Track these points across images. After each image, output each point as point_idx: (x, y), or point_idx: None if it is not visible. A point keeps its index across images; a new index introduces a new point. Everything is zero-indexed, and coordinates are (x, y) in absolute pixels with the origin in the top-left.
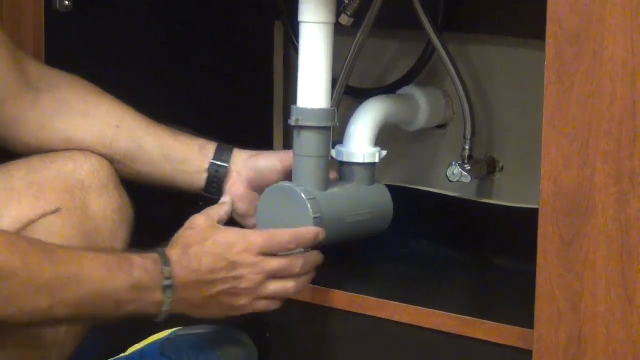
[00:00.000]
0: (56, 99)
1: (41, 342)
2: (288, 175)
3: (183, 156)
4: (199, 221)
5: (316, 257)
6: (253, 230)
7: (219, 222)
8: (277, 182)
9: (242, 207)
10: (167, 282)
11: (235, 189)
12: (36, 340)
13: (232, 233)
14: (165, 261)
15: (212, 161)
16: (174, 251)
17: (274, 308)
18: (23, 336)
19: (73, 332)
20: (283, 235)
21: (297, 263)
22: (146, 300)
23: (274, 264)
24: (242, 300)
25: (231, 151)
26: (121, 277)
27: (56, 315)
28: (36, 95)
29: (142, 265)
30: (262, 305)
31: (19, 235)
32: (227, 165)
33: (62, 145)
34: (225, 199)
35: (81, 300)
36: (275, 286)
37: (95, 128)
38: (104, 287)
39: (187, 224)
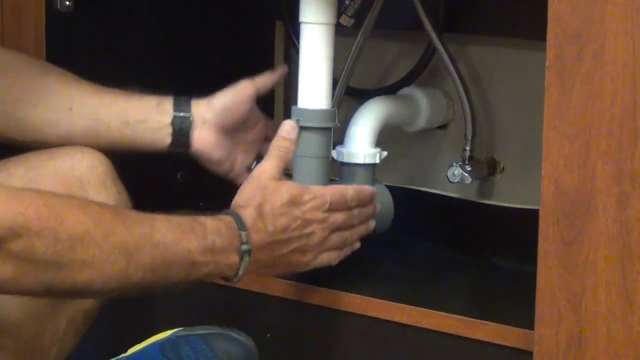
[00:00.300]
0: (2, 84)
1: (41, 342)
2: (253, 106)
3: (142, 116)
4: (266, 175)
5: (372, 209)
6: (319, 187)
7: (281, 174)
8: (247, 111)
9: (215, 153)
10: (244, 247)
11: (204, 137)
12: (36, 340)
13: (303, 190)
14: (241, 225)
15: (174, 114)
16: (247, 212)
17: (334, 262)
18: (22, 336)
19: (72, 331)
20: (348, 191)
21: (356, 216)
22: (222, 262)
23: (339, 217)
24: (309, 256)
25: (189, 101)
26: (194, 240)
27: (131, 277)
28: None
29: (216, 228)
30: (325, 259)
31: (90, 200)
32: (189, 114)
33: (19, 132)
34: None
35: (156, 262)
36: (336, 238)
37: (48, 113)
38: (179, 250)
39: (253, 182)
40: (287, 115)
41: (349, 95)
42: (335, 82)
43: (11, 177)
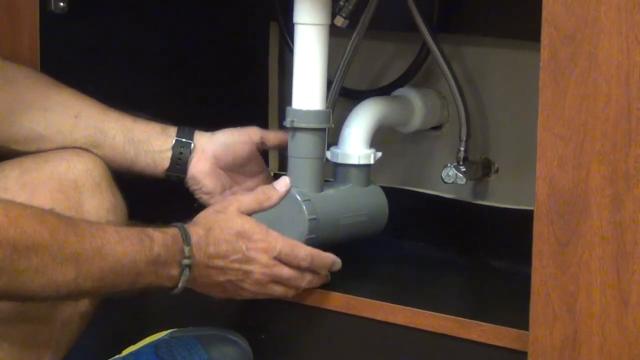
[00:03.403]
0: (13, 94)
1: (35, 344)
2: (259, 150)
3: (145, 137)
4: (231, 207)
5: (326, 278)
6: (277, 233)
7: (249, 212)
8: (248, 156)
9: (208, 184)
10: (186, 262)
11: (200, 166)
12: (31, 340)
13: (257, 229)
14: (186, 239)
15: (176, 138)
16: (195, 230)
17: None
18: (17, 338)
19: (67, 332)
20: (300, 251)
21: (305, 278)
22: (163, 274)
23: (285, 272)
24: (245, 293)
25: (193, 131)
26: (142, 251)
27: (81, 287)
28: None
29: (162, 241)
30: (262, 297)
31: (47, 210)
32: (191, 142)
33: (23, 141)
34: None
35: (104, 273)
36: (278, 290)
37: (54, 121)
38: (126, 261)
39: (218, 206)
40: (281, 116)
41: (343, 96)
42: (329, 83)
43: (7, 180)
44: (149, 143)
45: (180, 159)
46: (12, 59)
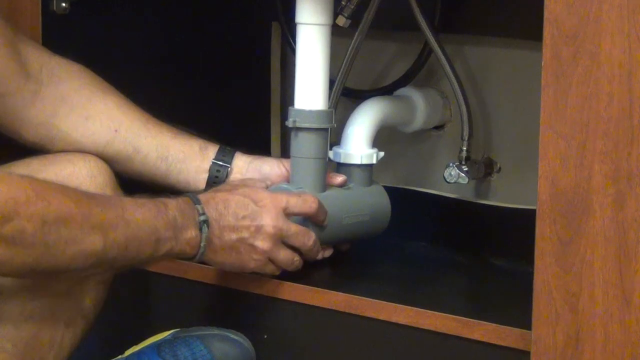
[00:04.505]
0: (57, 95)
1: (39, 345)
2: None
3: (181, 156)
4: (236, 181)
5: (319, 248)
6: (282, 193)
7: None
8: None
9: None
10: (202, 217)
11: (229, 183)
12: (35, 341)
13: (261, 189)
14: (196, 200)
15: (213, 161)
16: (204, 194)
17: (275, 274)
18: (21, 339)
19: (71, 333)
20: (310, 196)
21: (312, 235)
22: (182, 238)
23: (293, 226)
24: (257, 256)
25: (233, 153)
26: (159, 216)
27: (107, 255)
28: (37, 87)
29: (176, 205)
30: (269, 269)
31: (66, 185)
32: (229, 165)
33: (59, 144)
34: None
35: (128, 240)
36: (286, 253)
37: (93, 131)
38: (147, 226)
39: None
40: (284, 116)
41: (345, 95)
42: (331, 83)
43: None
44: (184, 162)
45: (216, 183)
46: None
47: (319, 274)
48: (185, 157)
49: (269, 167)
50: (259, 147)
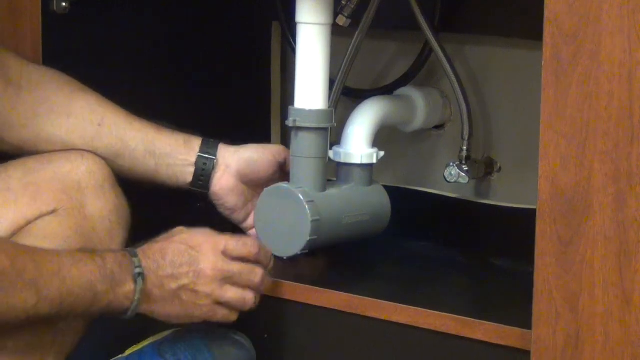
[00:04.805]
0: (37, 97)
1: (40, 343)
2: (282, 170)
3: (168, 150)
4: (175, 229)
5: (269, 282)
6: (219, 234)
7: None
8: (272, 175)
9: (230, 200)
10: (138, 270)
11: (223, 181)
12: (35, 340)
13: (200, 232)
14: (133, 253)
15: (199, 154)
16: (140, 247)
17: (232, 320)
18: (22, 336)
19: (72, 332)
20: (250, 239)
21: (257, 271)
22: (120, 292)
23: (236, 266)
24: (203, 301)
25: (217, 145)
26: (96, 271)
27: (40, 311)
28: (17, 92)
29: (114, 259)
30: (221, 315)
31: (5, 239)
32: (214, 157)
33: (44, 145)
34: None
35: (63, 297)
36: (233, 292)
37: (77, 127)
38: (83, 282)
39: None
40: (284, 115)
41: (345, 95)
42: (332, 83)
43: (10, 180)
44: (171, 157)
45: (203, 176)
46: None
47: (319, 273)
48: (172, 151)
49: (256, 155)
50: None
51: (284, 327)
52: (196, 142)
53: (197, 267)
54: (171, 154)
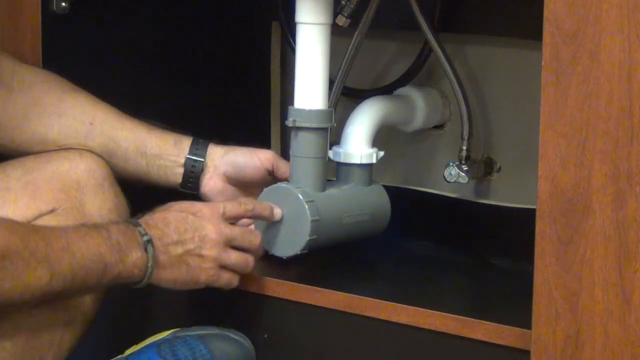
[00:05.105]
0: (29, 98)
1: (38, 344)
2: (270, 175)
3: (158, 151)
4: (170, 202)
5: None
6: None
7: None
8: (259, 180)
9: (219, 200)
10: (145, 237)
11: (212, 183)
12: (34, 340)
13: (196, 202)
14: (136, 223)
15: (187, 156)
16: (141, 217)
17: (234, 284)
18: (20, 338)
19: (70, 332)
20: (244, 198)
21: (256, 232)
22: (129, 261)
23: (236, 229)
24: (208, 264)
25: (206, 145)
26: (103, 242)
27: (54, 287)
28: (8, 94)
29: (118, 229)
30: (225, 278)
31: (13, 220)
32: (202, 159)
33: (37, 146)
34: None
35: (74, 271)
36: (237, 255)
37: (68, 127)
38: (92, 254)
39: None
40: (283, 115)
41: (345, 95)
42: (331, 83)
43: (9, 180)
44: (161, 157)
45: (192, 178)
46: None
47: (319, 273)
48: (162, 151)
49: (243, 160)
50: (259, 146)
51: (283, 327)
52: (186, 143)
53: (202, 232)
54: (161, 154)
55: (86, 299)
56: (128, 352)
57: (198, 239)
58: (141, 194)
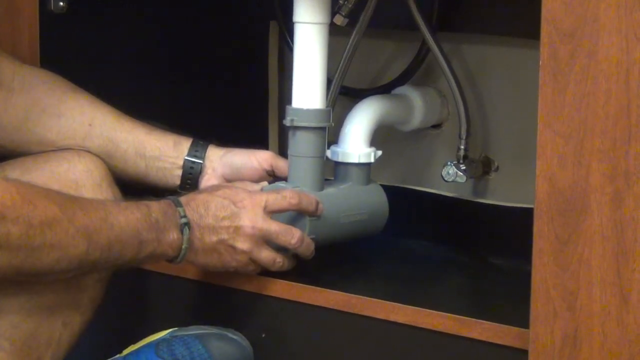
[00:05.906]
0: (29, 100)
1: (36, 343)
2: (266, 176)
3: (157, 152)
4: (218, 184)
5: (310, 244)
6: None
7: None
8: (258, 180)
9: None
10: (183, 220)
11: (210, 185)
12: (32, 339)
13: (242, 190)
14: (177, 202)
15: (186, 158)
16: (184, 196)
17: (254, 273)
18: (18, 337)
19: (69, 331)
20: (289, 191)
21: (294, 232)
22: (165, 240)
23: (274, 227)
24: (238, 256)
25: (206, 147)
26: (142, 219)
27: (90, 258)
28: (8, 95)
29: (158, 208)
30: (251, 269)
31: (48, 188)
32: (201, 161)
33: (36, 147)
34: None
35: (111, 243)
36: (267, 253)
37: (67, 128)
38: (130, 229)
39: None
40: (282, 114)
41: (343, 94)
42: (329, 82)
43: None
44: (160, 159)
45: (190, 179)
46: None
47: (317, 273)
48: (161, 153)
49: (240, 161)
50: (257, 145)
51: (281, 326)
52: (186, 145)
53: (238, 223)
54: (160, 156)
55: (84, 297)
56: (126, 351)
57: (233, 230)
58: (139, 194)
